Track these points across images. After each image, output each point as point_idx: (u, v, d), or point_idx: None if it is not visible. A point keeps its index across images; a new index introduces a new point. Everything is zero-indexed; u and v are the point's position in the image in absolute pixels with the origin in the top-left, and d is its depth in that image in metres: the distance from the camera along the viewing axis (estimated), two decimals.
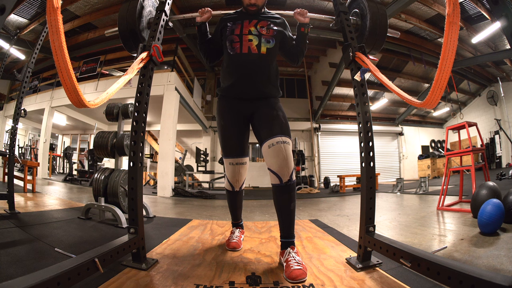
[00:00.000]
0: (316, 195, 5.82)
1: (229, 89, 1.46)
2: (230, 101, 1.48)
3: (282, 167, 1.27)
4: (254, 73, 1.40)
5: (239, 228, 1.73)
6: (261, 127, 1.39)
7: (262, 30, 1.40)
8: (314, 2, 5.94)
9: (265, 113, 1.41)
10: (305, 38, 1.47)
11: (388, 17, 1.38)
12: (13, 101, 8.59)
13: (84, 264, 0.92)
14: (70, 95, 0.88)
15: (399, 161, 11.07)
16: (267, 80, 1.44)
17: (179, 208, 3.52)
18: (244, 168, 1.55)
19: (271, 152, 1.29)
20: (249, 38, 1.38)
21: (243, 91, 1.44)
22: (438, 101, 0.90)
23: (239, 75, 1.41)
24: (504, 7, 0.92)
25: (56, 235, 1.70)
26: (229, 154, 1.51)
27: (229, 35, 1.41)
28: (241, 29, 1.40)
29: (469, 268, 0.80)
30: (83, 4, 6.04)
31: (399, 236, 1.92)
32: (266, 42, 1.39)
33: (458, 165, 3.30)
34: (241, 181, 1.58)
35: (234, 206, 1.69)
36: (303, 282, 1.09)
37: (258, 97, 1.45)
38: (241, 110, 1.47)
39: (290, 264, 1.15)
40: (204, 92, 9.85)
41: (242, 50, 1.38)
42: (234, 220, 1.75)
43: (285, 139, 1.32)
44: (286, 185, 1.27)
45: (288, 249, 1.25)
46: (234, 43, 1.39)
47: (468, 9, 5.79)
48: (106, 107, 2.65)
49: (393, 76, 8.87)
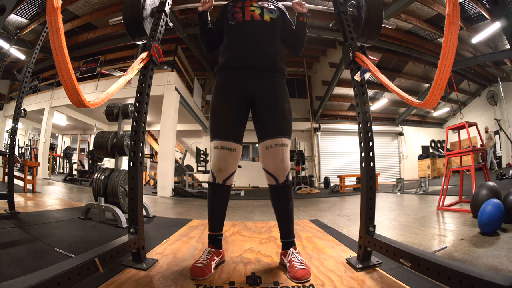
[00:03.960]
0: (316, 195, 5.82)
1: (231, 58, 1.32)
2: (232, 75, 1.32)
3: (278, 169, 1.24)
4: (260, 40, 1.31)
5: (212, 247, 1.27)
6: (262, 120, 1.27)
7: (263, 4, 1.37)
8: (314, 2, 5.95)
9: (269, 103, 1.27)
10: (304, 26, 1.42)
11: (388, 17, 1.39)
12: (13, 101, 8.59)
13: (84, 264, 0.92)
14: (70, 95, 0.88)
15: (399, 161, 11.08)
16: (274, 50, 1.34)
17: (179, 208, 3.52)
18: (232, 156, 1.25)
19: (268, 153, 1.24)
20: (251, 9, 1.33)
21: (248, 58, 1.30)
22: (438, 101, 0.90)
23: (242, 41, 1.31)
24: (504, 7, 0.92)
25: (56, 235, 1.70)
26: (216, 135, 1.27)
27: (231, 10, 1.37)
28: (243, 3, 1.36)
29: (469, 268, 0.80)
30: (83, 4, 6.05)
31: (399, 236, 1.92)
32: (269, 12, 1.34)
33: (458, 165, 3.30)
34: (226, 172, 1.26)
35: (214, 206, 1.32)
36: (308, 281, 1.08)
37: (265, 68, 1.31)
38: (243, 88, 1.29)
39: (294, 265, 1.15)
40: (204, 92, 9.85)
41: (245, 18, 1.31)
42: (210, 229, 1.32)
43: (285, 141, 1.25)
44: (283, 186, 1.25)
45: (290, 249, 1.24)
46: (236, 14, 1.33)
47: (468, 9, 5.79)
48: (106, 107, 2.65)
49: (393, 76, 8.87)
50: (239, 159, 1.32)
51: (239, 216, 2.86)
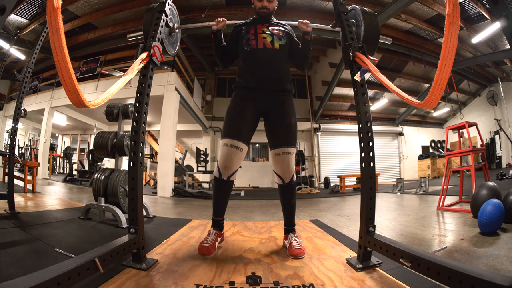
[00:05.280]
0: (316, 195, 5.82)
1: (249, 81, 1.55)
2: (249, 93, 1.55)
3: (285, 172, 1.53)
4: (272, 65, 1.53)
5: (216, 230, 1.55)
6: (274, 133, 1.55)
7: (273, 30, 1.58)
8: (314, 2, 5.95)
9: (280, 118, 1.53)
10: (309, 45, 1.62)
11: (388, 17, 1.40)
12: (13, 101, 8.60)
13: (84, 264, 0.92)
14: (71, 95, 0.88)
15: (399, 161, 11.07)
16: (284, 73, 1.57)
17: (179, 208, 3.53)
18: (237, 155, 1.47)
19: (277, 159, 1.53)
20: (263, 36, 1.55)
21: (263, 82, 1.53)
22: (438, 101, 0.90)
23: (258, 67, 1.54)
24: (504, 7, 0.92)
25: (56, 235, 1.70)
26: (228, 134, 1.49)
27: (245, 35, 1.58)
28: (256, 29, 1.58)
29: (469, 268, 0.80)
30: (83, 4, 6.05)
31: (399, 236, 1.92)
32: (278, 39, 1.56)
33: (458, 165, 3.30)
34: (231, 169, 1.48)
35: (218, 197, 1.56)
36: (302, 258, 1.37)
37: (277, 89, 1.56)
38: (257, 102, 1.54)
39: (292, 245, 1.45)
40: (204, 92, 9.85)
41: (258, 46, 1.54)
42: (214, 215, 1.59)
43: (291, 149, 1.53)
44: (288, 185, 1.56)
45: (290, 234, 1.55)
46: (250, 41, 1.56)
47: (468, 9, 5.79)
48: (106, 107, 2.65)
49: (393, 76, 8.86)
50: (243, 159, 1.56)
51: (239, 216, 2.86)
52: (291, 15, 5.98)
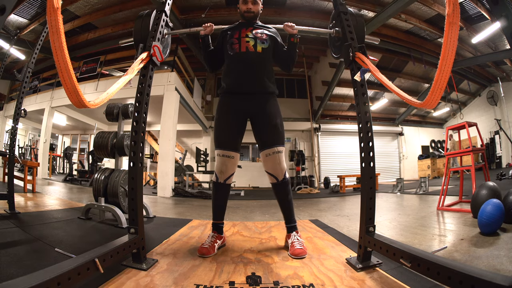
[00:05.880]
0: (316, 195, 5.82)
1: (231, 84, 1.60)
2: (232, 98, 1.60)
3: (277, 170, 1.58)
4: (253, 68, 1.57)
5: (215, 233, 1.60)
6: (261, 135, 1.60)
7: (257, 34, 1.61)
8: (314, 2, 5.94)
9: (265, 120, 1.58)
10: (295, 47, 1.64)
11: (388, 17, 1.40)
12: (13, 101, 8.60)
13: (84, 264, 0.92)
14: (71, 95, 0.88)
15: (399, 161, 11.07)
16: (266, 76, 1.60)
17: (179, 208, 3.53)
18: (231, 162, 1.59)
19: (268, 159, 1.58)
20: (246, 40, 1.58)
21: (245, 85, 1.58)
22: (438, 101, 0.90)
23: (240, 70, 1.57)
24: (504, 7, 0.92)
25: (56, 235, 1.70)
26: (219, 145, 1.60)
27: (229, 39, 1.61)
28: (239, 33, 1.60)
29: (469, 268, 0.80)
30: (83, 4, 6.05)
31: (399, 236, 1.92)
32: (261, 43, 1.59)
33: (458, 165, 3.30)
34: (226, 173, 1.59)
35: (216, 200, 1.63)
36: (303, 258, 1.37)
37: (259, 92, 1.60)
38: (242, 108, 1.59)
39: (294, 245, 1.46)
40: (204, 92, 9.85)
41: (241, 49, 1.57)
42: (214, 218, 1.64)
43: (280, 148, 1.58)
44: (282, 182, 1.59)
45: (293, 232, 1.56)
46: (234, 45, 1.59)
47: (468, 9, 5.79)
48: (106, 107, 2.65)
49: (393, 76, 8.86)
50: (237, 164, 1.63)
51: (239, 216, 2.86)
52: (291, 15, 5.98)
